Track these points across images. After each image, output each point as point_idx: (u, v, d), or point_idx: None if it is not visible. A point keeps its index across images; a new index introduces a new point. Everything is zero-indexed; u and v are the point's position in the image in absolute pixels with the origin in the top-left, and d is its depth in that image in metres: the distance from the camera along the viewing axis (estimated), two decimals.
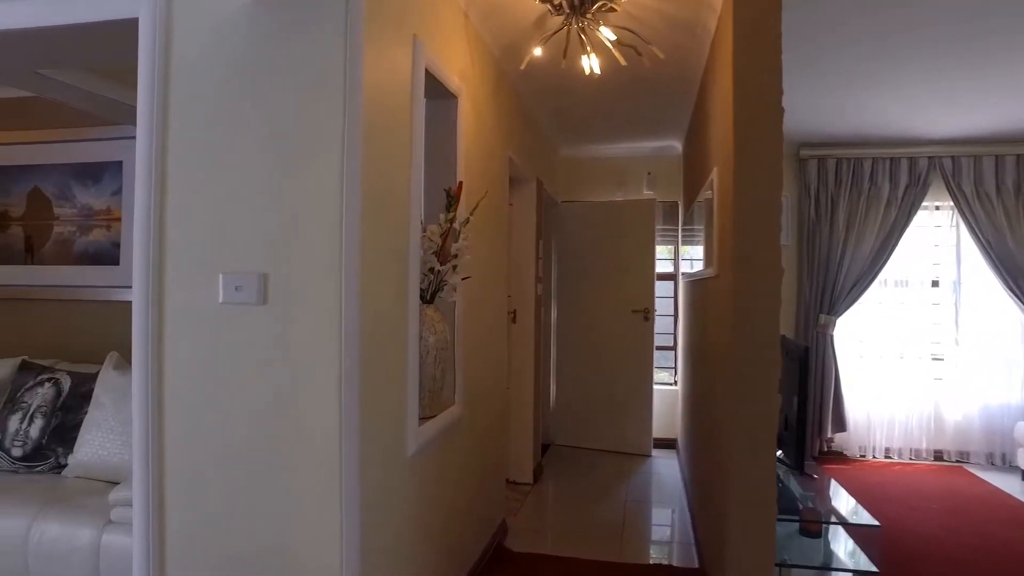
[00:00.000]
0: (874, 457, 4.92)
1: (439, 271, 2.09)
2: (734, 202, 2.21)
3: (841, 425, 4.91)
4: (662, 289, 5.34)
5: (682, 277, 5.15)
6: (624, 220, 5.15)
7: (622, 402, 5.12)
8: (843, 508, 2.99)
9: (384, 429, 1.81)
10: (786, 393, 2.85)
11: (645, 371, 5.09)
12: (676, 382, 5.43)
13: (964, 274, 4.89)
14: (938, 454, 4.85)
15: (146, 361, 1.67)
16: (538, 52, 2.60)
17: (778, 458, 2.73)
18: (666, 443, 5.22)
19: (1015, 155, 4.61)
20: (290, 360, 1.62)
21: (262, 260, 1.64)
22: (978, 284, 4.84)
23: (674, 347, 5.51)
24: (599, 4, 2.38)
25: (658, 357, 5.25)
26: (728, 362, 2.29)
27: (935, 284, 4.94)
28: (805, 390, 3.06)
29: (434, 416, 2.19)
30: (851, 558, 2.75)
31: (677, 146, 5.20)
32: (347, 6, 1.60)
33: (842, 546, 2.86)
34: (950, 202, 4.76)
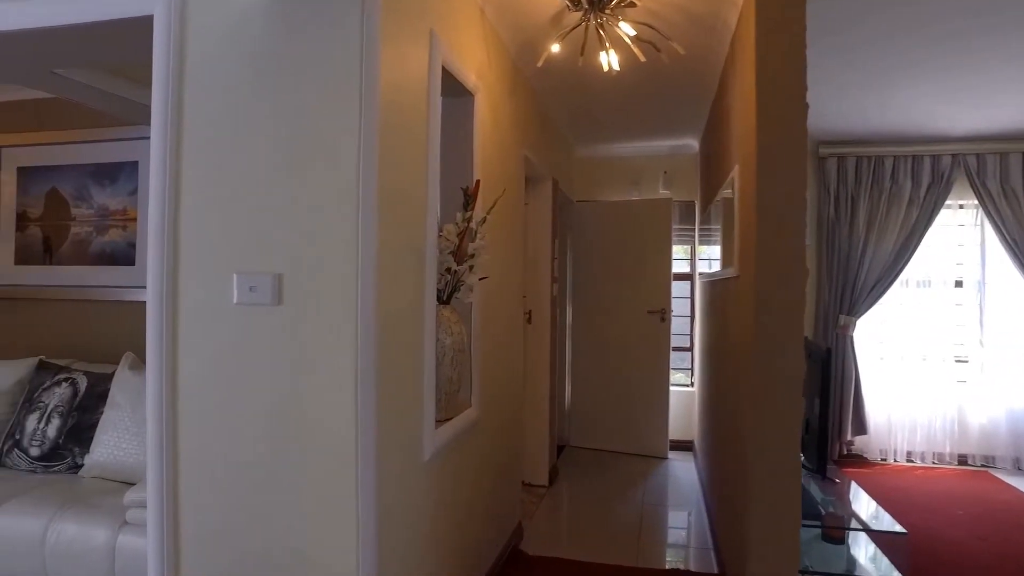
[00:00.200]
0: (895, 461, 4.82)
1: (456, 271, 2.06)
2: (757, 201, 2.16)
3: (861, 428, 4.82)
4: (678, 289, 5.28)
5: (699, 277, 5.09)
6: (640, 219, 5.10)
7: (638, 403, 5.06)
8: (866, 514, 2.92)
9: (400, 432, 1.78)
10: (808, 396, 2.79)
11: (661, 372, 5.03)
12: (693, 383, 5.37)
13: (989, 274, 4.78)
14: (962, 458, 4.75)
15: (160, 363, 1.66)
16: (556, 49, 2.56)
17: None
18: (683, 445, 5.16)
19: None
20: (305, 362, 1.60)
21: (277, 260, 1.62)
22: (1004, 284, 4.73)
23: (691, 348, 5.44)
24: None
25: (674, 358, 5.19)
26: (750, 364, 2.24)
27: (959, 284, 4.84)
28: (827, 393, 3.00)
29: (450, 419, 2.16)
30: (876, 566, 2.68)
31: (694, 145, 5.14)
32: (363, 1, 1.57)
33: (866, 553, 2.79)
34: (974, 200, 4.66)
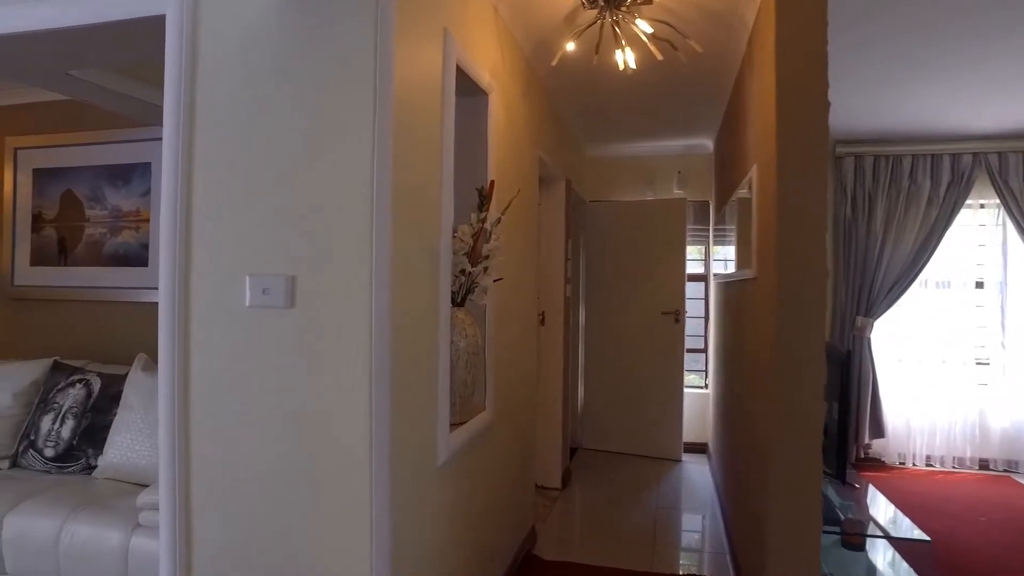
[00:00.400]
0: (914, 465, 4.74)
1: (470, 273, 2.03)
2: (777, 201, 2.11)
3: (879, 431, 4.75)
4: (692, 290, 5.23)
5: (713, 278, 5.04)
6: (653, 220, 5.06)
7: (652, 405, 5.02)
8: (887, 519, 2.87)
9: (415, 437, 1.76)
10: (827, 399, 2.73)
11: (675, 374, 4.98)
12: (707, 385, 5.32)
13: (1011, 275, 4.68)
14: (983, 463, 4.66)
15: (172, 365, 1.64)
16: (571, 47, 2.53)
17: None
18: (696, 447, 5.11)
19: None
20: (318, 365, 1.58)
21: (290, 262, 1.60)
22: None
23: (705, 349, 5.39)
24: None
25: (688, 359, 5.14)
26: (769, 367, 2.19)
27: (979, 285, 4.75)
28: (847, 396, 2.95)
29: (464, 422, 2.13)
30: (896, 574, 2.63)
31: (708, 144, 5.09)
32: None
33: (887, 560, 2.73)
34: (996, 200, 4.57)
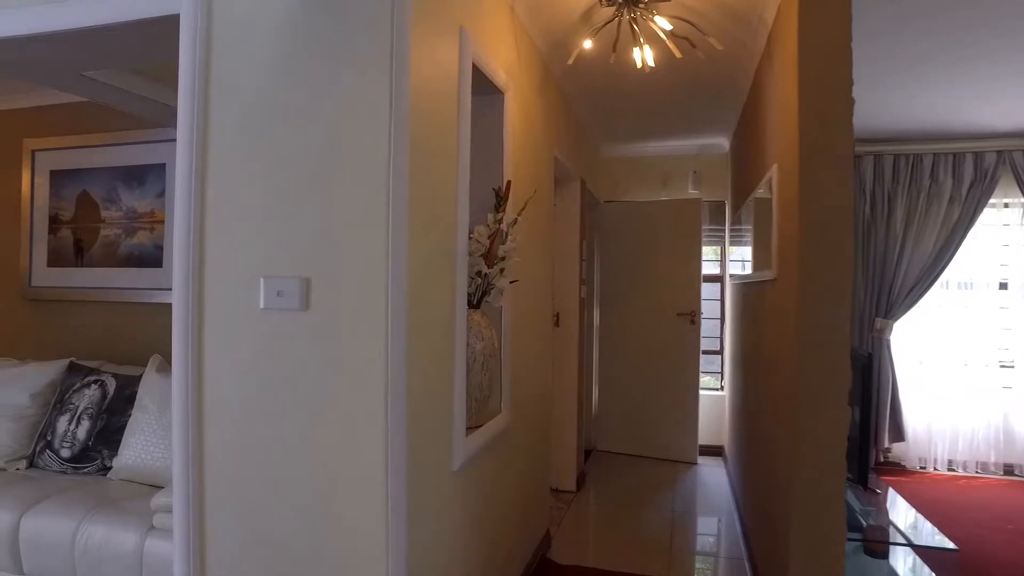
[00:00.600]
0: (935, 469, 4.65)
1: (486, 274, 2.00)
2: (799, 201, 2.06)
3: (899, 435, 4.67)
4: (708, 291, 5.17)
5: (730, 279, 4.98)
6: (669, 220, 5.00)
7: (667, 408, 4.97)
8: (911, 526, 2.81)
9: (431, 441, 1.73)
10: (849, 404, 2.68)
11: (691, 376, 4.93)
12: (723, 387, 5.26)
13: None
14: (1008, 468, 4.56)
15: (186, 368, 1.63)
16: (588, 45, 2.50)
17: None
18: (712, 450, 5.06)
19: None
20: (334, 369, 1.55)
21: (304, 264, 1.58)
22: None
23: (720, 351, 5.33)
24: None
25: (703, 361, 5.08)
26: (792, 371, 2.15)
27: (1003, 286, 4.65)
28: (868, 400, 2.90)
29: (480, 426, 2.10)
30: None
31: (724, 143, 5.03)
32: None
33: (910, 569, 2.67)
34: (1021, 198, 4.48)
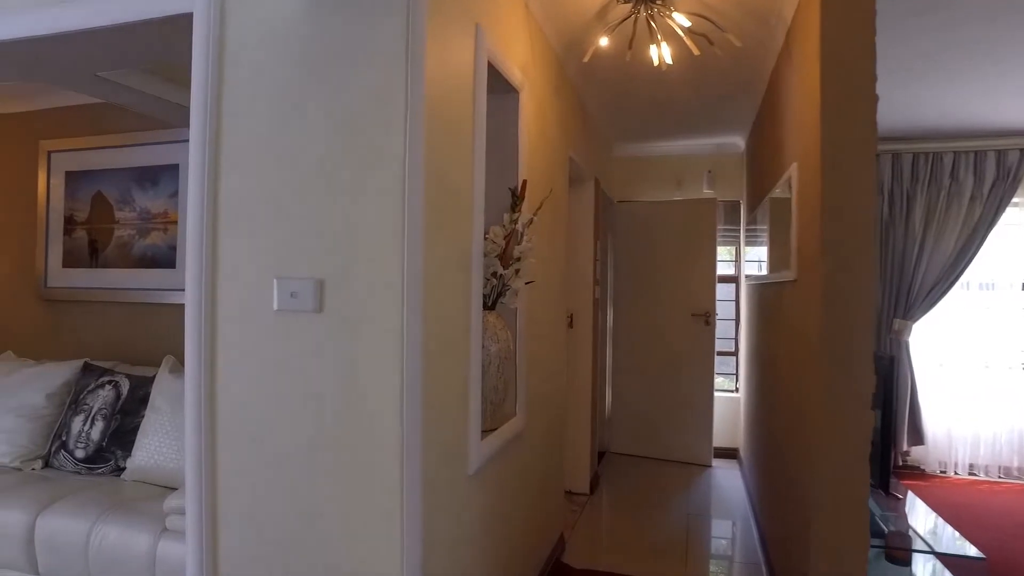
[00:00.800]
0: (956, 474, 4.57)
1: (501, 275, 1.98)
2: (822, 201, 2.02)
3: (918, 438, 4.59)
4: (722, 292, 5.11)
5: (745, 280, 4.92)
6: (683, 220, 4.96)
7: (681, 410, 4.92)
8: (934, 533, 2.75)
9: (446, 445, 1.70)
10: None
11: (705, 377, 4.88)
12: (737, 389, 5.20)
13: None
14: None
15: (199, 370, 1.61)
16: (604, 42, 2.46)
17: None
18: (726, 453, 5.00)
19: None
20: (348, 372, 1.53)
21: (319, 265, 1.55)
22: None
23: (735, 352, 5.27)
24: None
25: (718, 363, 5.03)
26: (814, 374, 2.10)
27: None
28: (890, 403, 2.84)
29: (495, 429, 2.07)
30: None
31: (739, 143, 4.97)
32: None
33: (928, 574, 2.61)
34: None
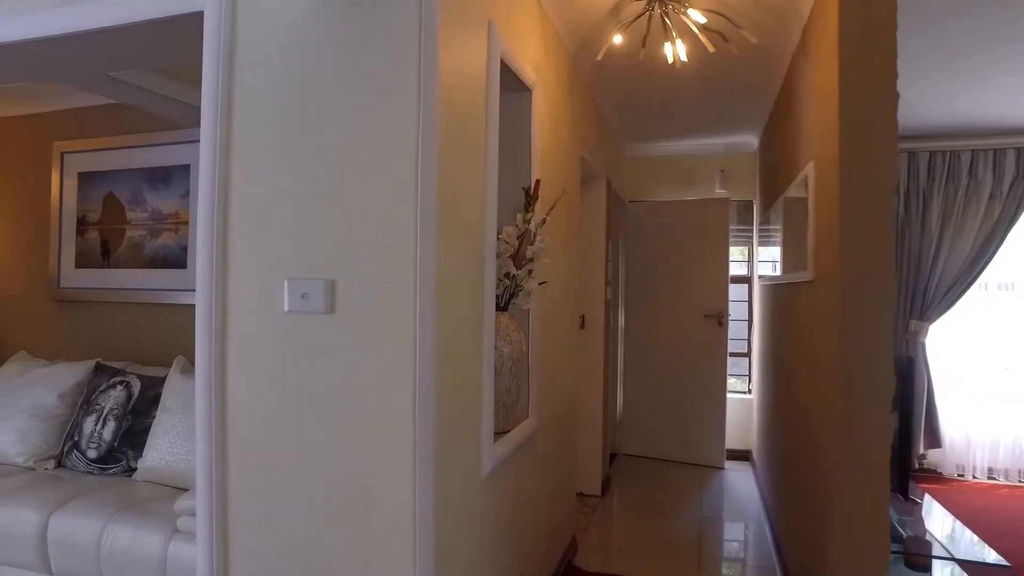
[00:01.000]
0: (974, 478, 4.50)
1: (514, 276, 1.95)
2: (840, 199, 1.98)
3: (935, 441, 4.52)
4: (735, 293, 5.07)
5: (759, 280, 4.87)
6: (695, 220, 4.91)
7: (693, 411, 4.87)
8: (955, 539, 2.69)
9: (459, 448, 1.68)
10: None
11: (718, 379, 4.83)
12: (750, 390, 5.15)
13: None
14: None
15: (209, 371, 1.60)
16: (618, 40, 2.43)
17: None
18: (739, 455, 4.95)
19: None
20: (359, 373, 1.51)
21: (330, 266, 1.54)
22: None
23: (748, 354, 5.22)
24: None
25: (730, 364, 4.98)
26: (832, 376, 2.06)
27: None
28: (909, 406, 2.80)
29: (508, 431, 2.05)
30: None
31: (752, 142, 4.92)
32: None
33: None
34: None
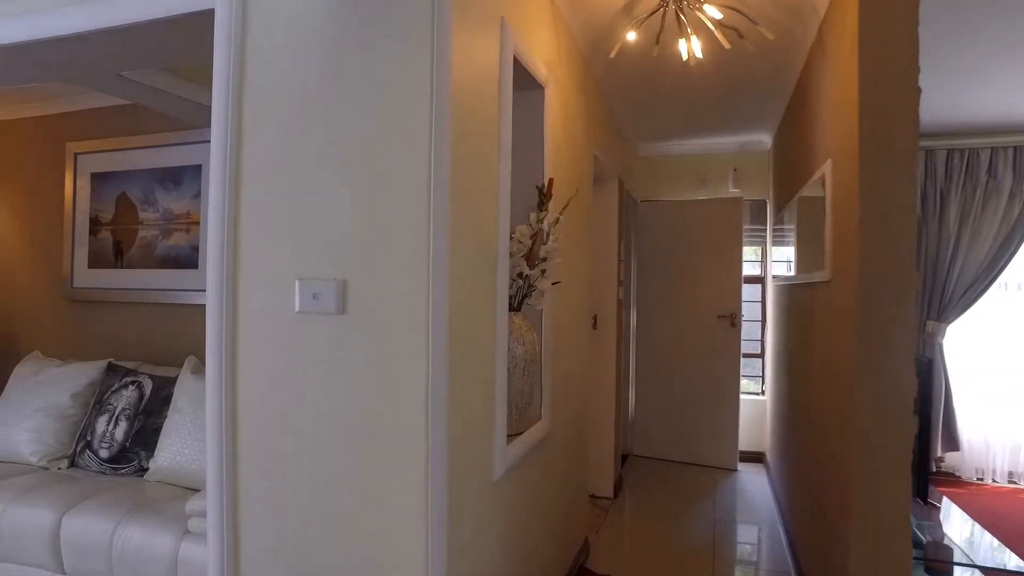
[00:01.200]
0: (994, 481, 4.42)
1: (527, 276, 1.93)
2: (860, 198, 1.94)
3: (953, 444, 4.45)
4: (748, 293, 5.01)
5: (772, 280, 4.81)
6: (708, 220, 4.87)
7: (706, 412, 4.83)
8: (976, 545, 2.64)
9: (472, 451, 1.66)
10: None
11: (731, 380, 4.78)
12: (763, 392, 5.09)
13: None
14: None
15: (220, 372, 1.59)
16: (631, 37, 2.40)
17: None
18: (752, 457, 4.90)
19: None
20: (371, 375, 1.49)
21: (342, 266, 1.52)
22: None
23: (761, 354, 5.16)
24: None
25: (743, 365, 4.92)
26: (851, 378, 2.02)
27: None
28: (928, 409, 2.75)
29: (520, 433, 2.02)
30: None
31: (766, 140, 4.87)
32: None
33: None
34: None
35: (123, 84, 2.33)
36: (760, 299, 5.18)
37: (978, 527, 2.89)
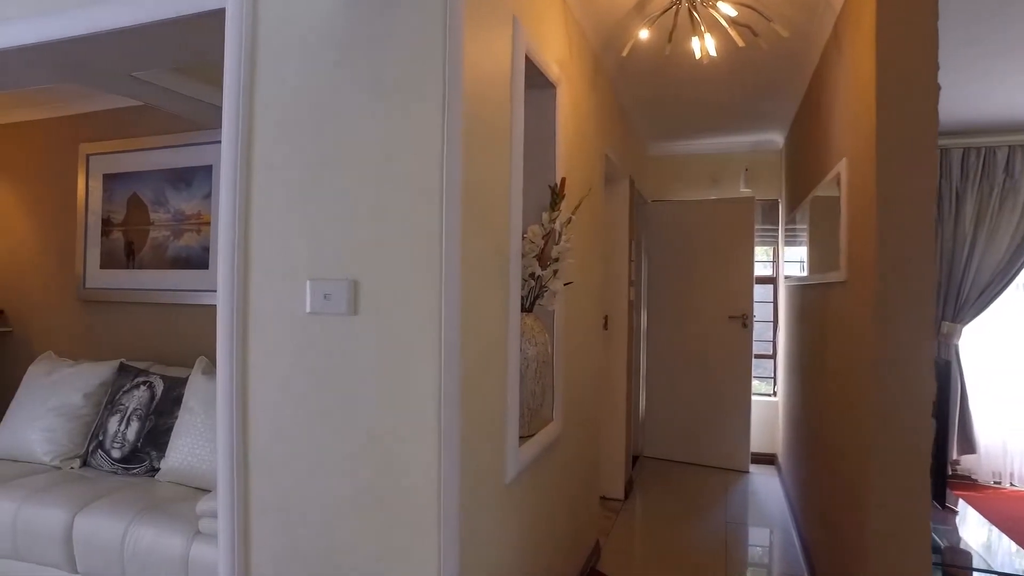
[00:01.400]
0: (1012, 485, 4.35)
1: (539, 276, 1.91)
2: (877, 198, 1.91)
3: (969, 446, 4.38)
4: (759, 293, 4.97)
5: (785, 281, 4.77)
6: (720, 220, 4.83)
7: (717, 414, 4.79)
8: (993, 548, 2.60)
9: (484, 453, 1.64)
10: None
11: (743, 381, 4.74)
12: (775, 393, 5.05)
13: None
14: None
15: (230, 373, 1.58)
16: (644, 35, 2.38)
17: None
18: (763, 458, 4.86)
19: None
20: (383, 375, 1.48)
21: (353, 267, 1.51)
22: None
23: (773, 356, 5.12)
24: None
25: (755, 366, 4.88)
26: (868, 380, 1.99)
27: None
28: (945, 411, 2.70)
29: (532, 435, 2.01)
30: None
31: (778, 140, 4.82)
32: None
33: None
34: None
35: (134, 84, 2.33)
36: (772, 300, 5.13)
37: (996, 531, 2.85)
